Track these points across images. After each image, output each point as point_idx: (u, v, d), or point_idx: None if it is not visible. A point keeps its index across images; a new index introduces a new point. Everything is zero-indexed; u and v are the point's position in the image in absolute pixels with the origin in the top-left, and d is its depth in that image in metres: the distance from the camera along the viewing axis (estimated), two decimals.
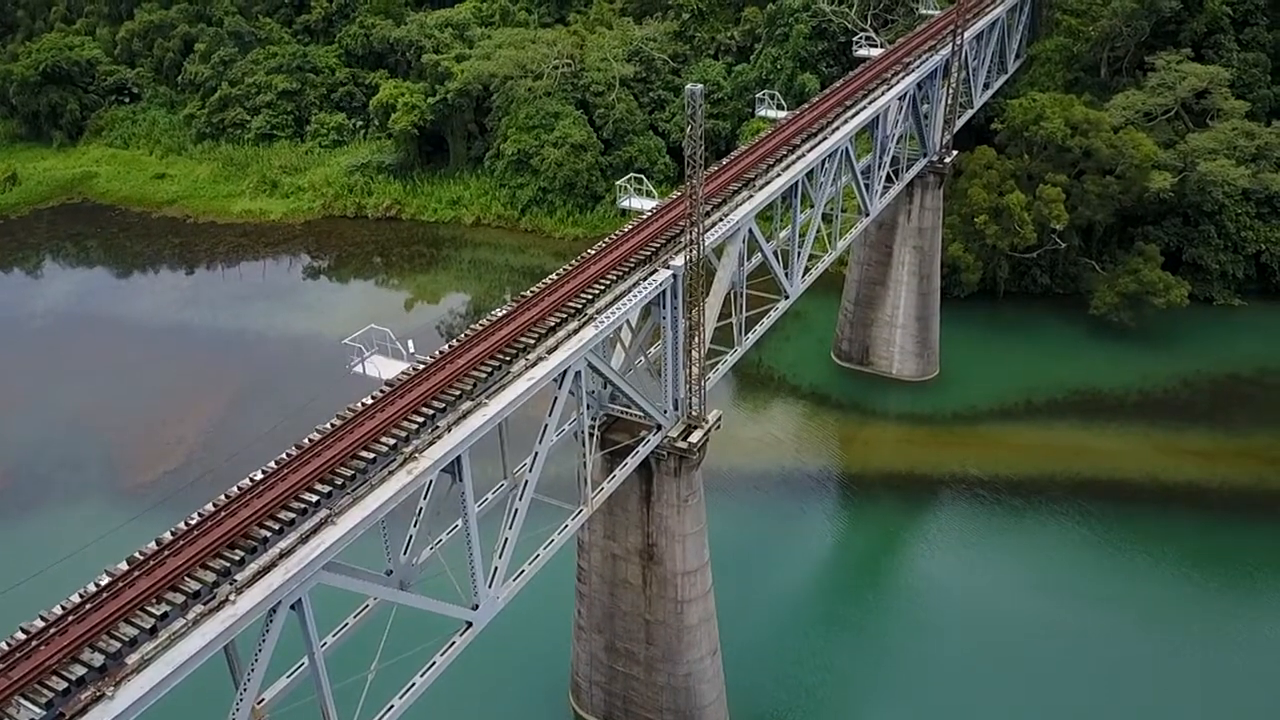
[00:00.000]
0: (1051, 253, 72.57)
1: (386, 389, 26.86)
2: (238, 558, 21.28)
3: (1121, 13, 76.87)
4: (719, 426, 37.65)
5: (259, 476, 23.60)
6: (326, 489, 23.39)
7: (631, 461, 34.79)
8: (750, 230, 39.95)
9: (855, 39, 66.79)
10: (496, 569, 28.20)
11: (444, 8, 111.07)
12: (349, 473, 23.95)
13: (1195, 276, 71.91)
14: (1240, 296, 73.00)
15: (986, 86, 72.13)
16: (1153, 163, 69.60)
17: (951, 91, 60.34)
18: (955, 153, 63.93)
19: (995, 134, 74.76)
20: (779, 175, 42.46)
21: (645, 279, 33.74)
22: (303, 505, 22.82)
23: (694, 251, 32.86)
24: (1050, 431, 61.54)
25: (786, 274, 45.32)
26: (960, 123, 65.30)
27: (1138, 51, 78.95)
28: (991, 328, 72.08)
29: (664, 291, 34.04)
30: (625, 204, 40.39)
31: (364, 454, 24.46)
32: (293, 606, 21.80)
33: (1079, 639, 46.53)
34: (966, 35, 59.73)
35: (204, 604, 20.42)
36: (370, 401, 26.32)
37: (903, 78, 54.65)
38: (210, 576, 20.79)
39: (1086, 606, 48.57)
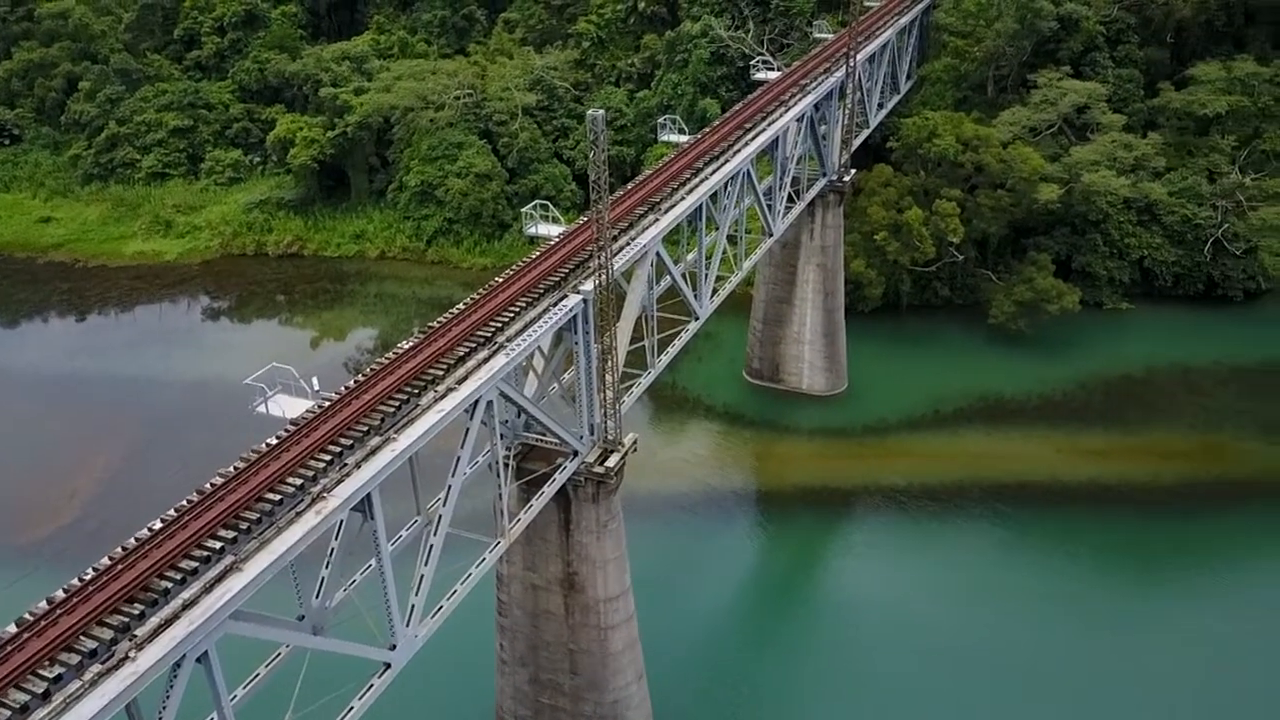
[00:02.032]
0: (950, 265, 74.80)
1: (291, 428, 26.09)
2: (137, 612, 20.30)
3: (1004, 33, 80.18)
4: (635, 449, 37.60)
5: (158, 526, 22.62)
6: (231, 535, 22.55)
7: (549, 490, 34.47)
8: (658, 253, 40.21)
9: (753, 63, 68.14)
10: (413, 607, 27.53)
11: (341, 40, 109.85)
12: (254, 516, 23.14)
13: (1085, 283, 74.91)
14: (1128, 300, 76.28)
15: (881, 106, 74.25)
16: (1040, 175, 72.51)
17: (847, 112, 61.93)
18: (854, 171, 65.57)
19: (891, 152, 76.96)
20: (684, 198, 42.89)
21: (555, 305, 33.60)
22: (206, 553, 21.93)
23: (603, 276, 32.88)
24: (957, 439, 63.18)
25: (695, 295, 45.72)
26: (857, 142, 67.04)
27: (1021, 70, 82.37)
28: (896, 340, 73.84)
29: (575, 317, 33.94)
30: (532, 231, 40.25)
31: (270, 496, 23.68)
32: (199, 659, 20.88)
33: (1000, 638, 47.70)
34: (859, 57, 61.43)
35: (102, 663, 19.42)
36: (275, 442, 25.51)
37: (800, 100, 55.87)
38: (108, 633, 19.79)
39: (1004, 606, 49.88)
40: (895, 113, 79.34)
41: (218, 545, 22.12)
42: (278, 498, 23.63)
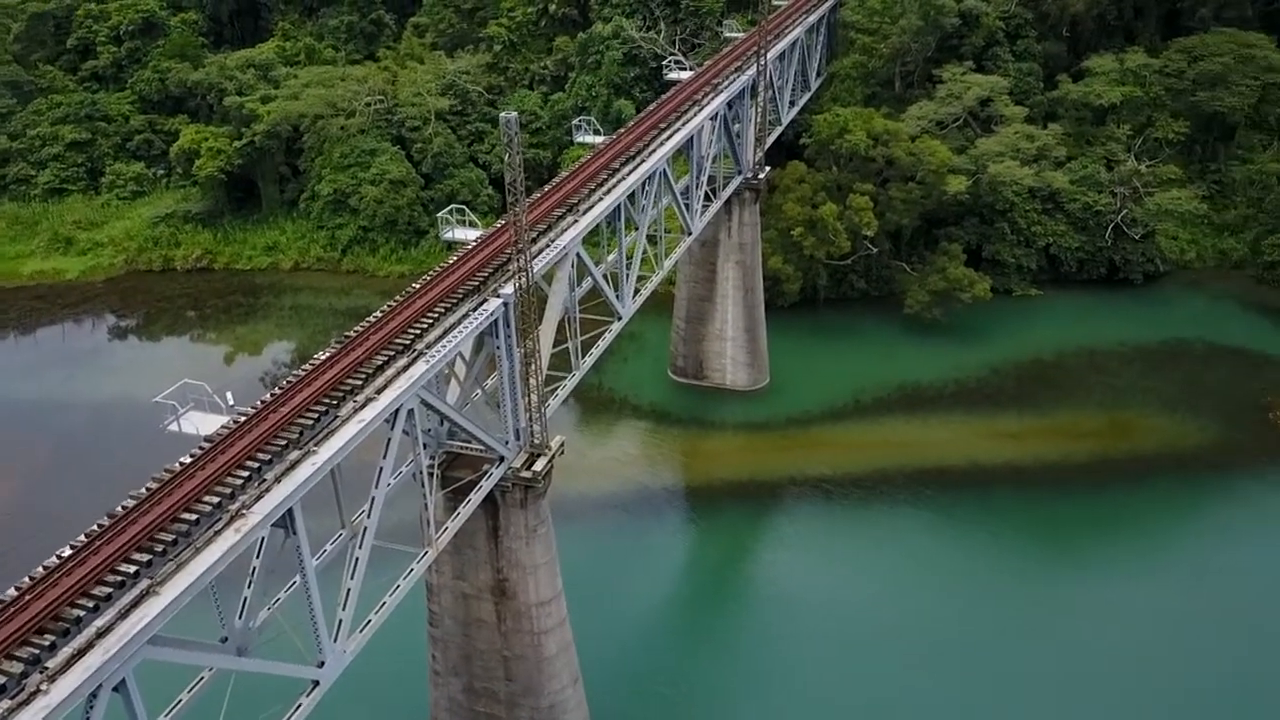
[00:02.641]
0: (865, 258, 76.25)
1: (206, 445, 25.36)
2: (48, 643, 19.51)
3: (909, 30, 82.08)
4: (563, 452, 37.47)
5: (68, 553, 21.76)
6: (146, 558, 21.81)
7: (475, 497, 34.14)
8: (578, 254, 40.15)
9: (665, 63, 68.60)
10: (341, 622, 27.01)
11: (245, 48, 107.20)
12: (170, 538, 22.43)
13: (995, 271, 77.13)
14: (1036, 286, 78.74)
15: (792, 104, 75.34)
16: (948, 168, 74.38)
17: (760, 110, 62.70)
18: (769, 169, 66.40)
19: (805, 149, 78.13)
20: (601, 199, 42.89)
21: (475, 309, 33.28)
22: (120, 578, 21.18)
23: (522, 279, 32.70)
24: (879, 427, 64.44)
25: (617, 295, 45.78)
26: (771, 140, 67.91)
27: (926, 65, 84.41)
28: (816, 334, 74.99)
29: (496, 321, 33.68)
30: (449, 236, 39.81)
31: (186, 516, 22.97)
32: (116, 688, 20.17)
33: (930, 620, 48.80)
34: (770, 55, 62.22)
35: (12, 698, 18.63)
36: (189, 460, 24.77)
37: (713, 99, 56.35)
38: (17, 667, 18.99)
39: (932, 588, 51.08)
40: (807, 110, 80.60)
41: (132, 570, 21.40)
42: (194, 517, 22.95)
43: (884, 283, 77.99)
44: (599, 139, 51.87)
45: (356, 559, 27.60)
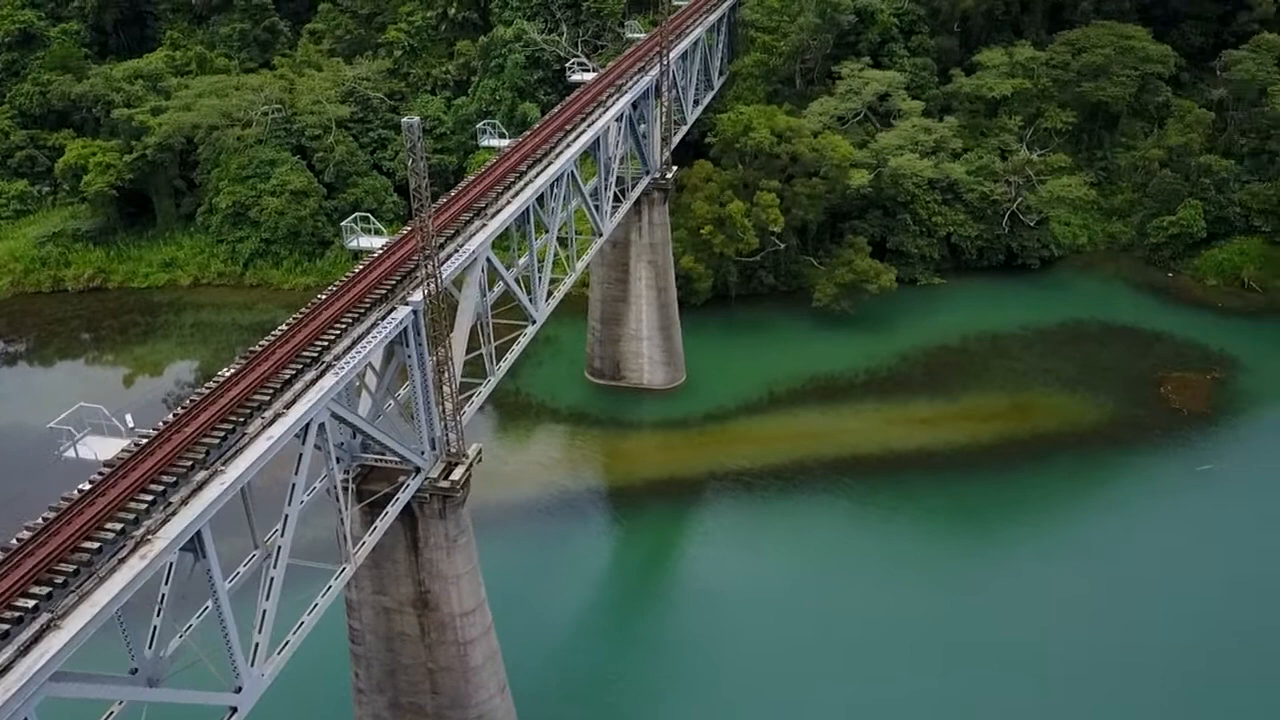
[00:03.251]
0: (774, 254, 77.33)
1: (106, 470, 24.38)
2: None
3: (807, 27, 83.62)
4: (480, 460, 37.13)
5: None
6: (45, 591, 20.87)
7: (392, 510, 33.58)
8: (488, 259, 39.82)
9: (569, 65, 68.50)
10: (258, 645, 26.30)
11: (132, 59, 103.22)
12: (71, 568, 21.51)
13: (900, 262, 79.03)
14: (939, 275, 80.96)
15: (697, 103, 75.94)
16: (850, 162, 75.96)
17: (665, 110, 63.05)
18: (676, 168, 66.84)
19: (710, 148, 78.87)
20: (510, 202, 42.57)
21: (384, 318, 32.72)
22: (18, 613, 20.23)
23: (431, 285, 32.27)
24: (794, 419, 65.44)
25: (531, 299, 45.56)
26: (677, 139, 68.37)
27: (826, 62, 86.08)
28: (729, 330, 75.76)
29: (405, 329, 33.18)
30: (354, 244, 39.11)
31: (87, 545, 22.07)
32: None
33: (855, 606, 49.81)
34: (672, 55, 62.64)
35: None
36: (89, 486, 23.77)
37: (618, 100, 56.45)
38: None
39: (855, 574, 52.20)
40: (711, 109, 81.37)
41: (30, 604, 20.46)
42: (96, 546, 22.06)
43: (793, 277, 79.19)
44: (505, 142, 51.55)
45: (271, 579, 26.92)
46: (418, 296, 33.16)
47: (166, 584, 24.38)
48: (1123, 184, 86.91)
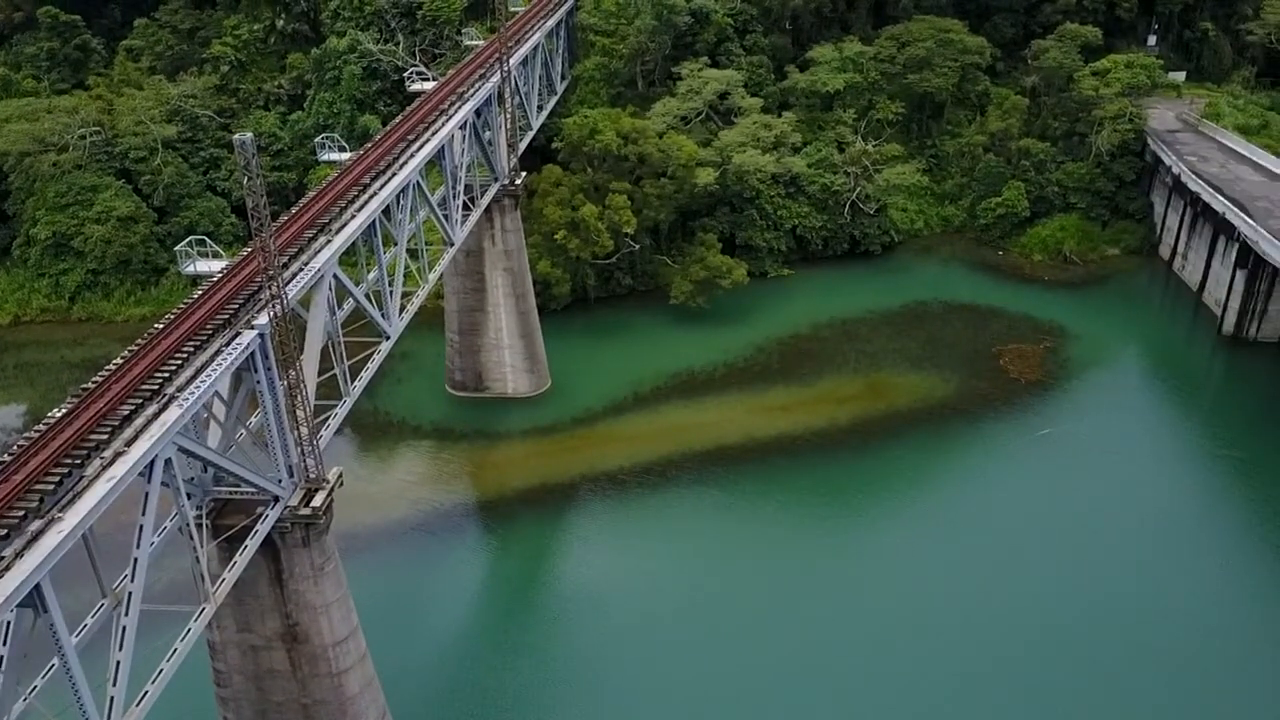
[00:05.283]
0: (629, 255, 77.93)
1: None
2: None
3: (645, 30, 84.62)
4: (342, 484, 36.08)
5: None
6: None
7: (252, 543, 32.18)
8: (335, 276, 38.64)
9: (408, 75, 67.09)
10: (113, 700, 24.74)
11: None
12: None
13: (750, 256, 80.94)
14: (788, 267, 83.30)
15: (540, 108, 75.74)
16: (696, 161, 77.36)
17: (509, 116, 62.65)
18: (525, 174, 66.52)
19: (558, 152, 78.82)
20: (355, 216, 41.45)
21: (228, 344, 31.30)
22: None
23: (277, 306, 31.08)
24: (660, 415, 66.16)
25: (383, 315, 44.48)
26: (523, 145, 68.02)
27: (666, 63, 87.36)
28: (590, 333, 75.96)
29: (253, 354, 31.87)
30: (191, 269, 37.31)
31: None
32: None
33: (732, 593, 50.73)
34: (512, 61, 62.29)
35: None
36: None
37: (460, 107, 55.72)
38: None
39: (730, 562, 53.20)
40: (555, 113, 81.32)
41: None
42: None
43: (649, 277, 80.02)
44: (346, 156, 50.13)
45: (124, 628, 25.40)
46: (263, 319, 31.88)
47: (4, 645, 22.62)
48: (952, 169, 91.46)
